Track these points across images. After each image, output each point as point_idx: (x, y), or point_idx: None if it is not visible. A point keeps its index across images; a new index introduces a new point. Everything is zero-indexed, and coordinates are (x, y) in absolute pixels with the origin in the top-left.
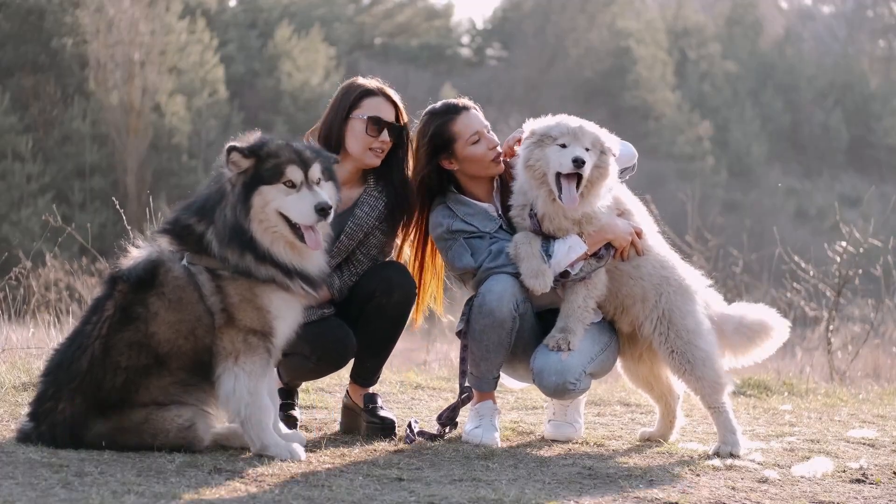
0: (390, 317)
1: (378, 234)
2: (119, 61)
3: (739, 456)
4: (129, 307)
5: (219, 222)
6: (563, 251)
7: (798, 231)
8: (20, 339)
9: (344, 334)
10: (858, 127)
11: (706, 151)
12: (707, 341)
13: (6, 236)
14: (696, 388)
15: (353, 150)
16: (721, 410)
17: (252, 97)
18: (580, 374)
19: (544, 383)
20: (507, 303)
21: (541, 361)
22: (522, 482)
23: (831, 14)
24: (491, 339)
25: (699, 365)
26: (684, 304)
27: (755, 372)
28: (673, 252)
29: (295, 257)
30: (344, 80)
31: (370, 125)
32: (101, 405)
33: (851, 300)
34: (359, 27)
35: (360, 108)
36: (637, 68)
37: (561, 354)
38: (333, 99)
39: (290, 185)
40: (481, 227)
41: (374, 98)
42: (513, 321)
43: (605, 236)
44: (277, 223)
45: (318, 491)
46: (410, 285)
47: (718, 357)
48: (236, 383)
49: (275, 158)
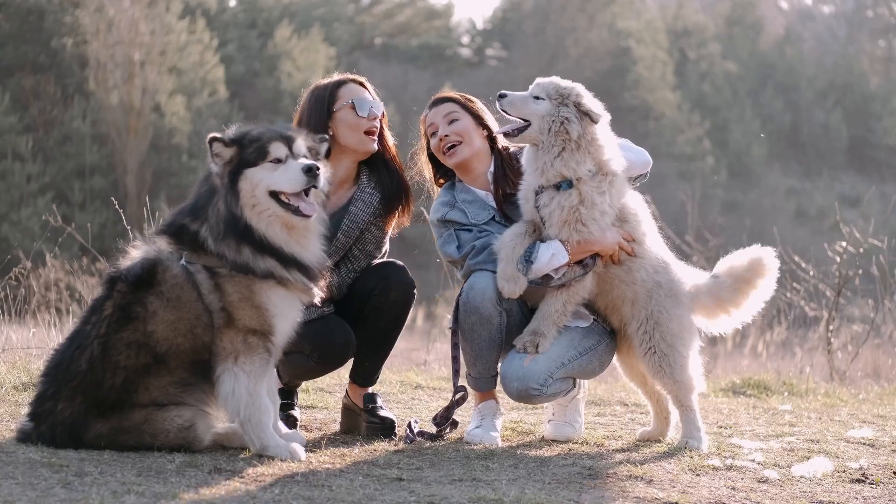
0: (389, 316)
1: (374, 229)
2: (119, 61)
3: (700, 448)
4: (127, 307)
5: (212, 218)
6: (546, 258)
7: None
8: (20, 339)
9: (344, 332)
10: (858, 127)
11: (706, 151)
12: (688, 346)
13: (6, 236)
14: (670, 389)
15: (348, 141)
16: (690, 409)
17: (252, 97)
18: (545, 379)
19: (508, 389)
20: (490, 298)
21: (505, 366)
22: (522, 482)
23: (831, 14)
24: (482, 337)
25: (677, 369)
26: (673, 307)
27: (755, 372)
28: (669, 252)
29: (293, 243)
30: None
31: (357, 108)
32: (100, 405)
33: (851, 300)
34: (359, 27)
35: (338, 99)
36: (637, 68)
37: (524, 359)
38: (305, 107)
39: (276, 161)
40: (473, 216)
41: (347, 86)
42: (499, 316)
43: (591, 248)
44: (269, 204)
45: (318, 491)
46: (408, 284)
47: (694, 361)
48: (236, 383)
49: (257, 141)
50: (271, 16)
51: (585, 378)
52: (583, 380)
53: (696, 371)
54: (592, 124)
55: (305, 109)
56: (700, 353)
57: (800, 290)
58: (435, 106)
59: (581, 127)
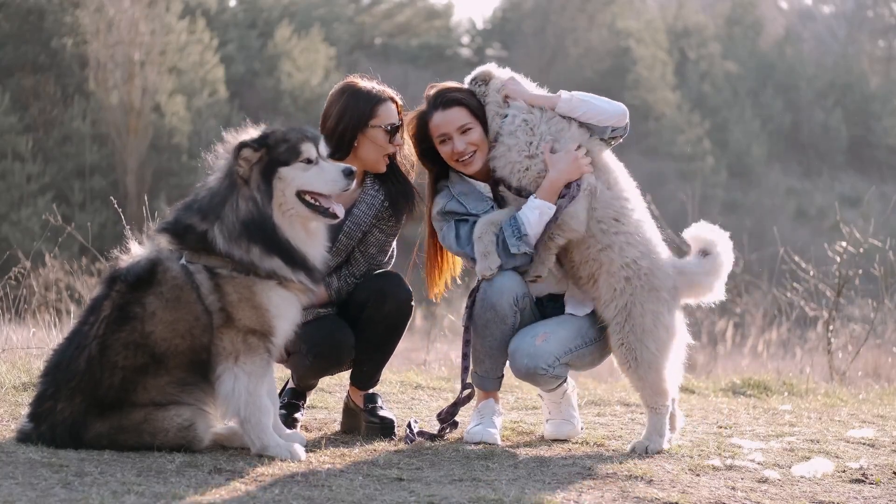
0: (383, 327)
1: (377, 232)
2: (119, 61)
3: (657, 452)
4: (126, 307)
5: (228, 217)
6: (535, 218)
7: (798, 231)
8: (20, 339)
9: (341, 333)
10: (858, 127)
11: (706, 151)
12: (661, 345)
13: (6, 236)
14: (637, 386)
15: (367, 157)
16: (658, 412)
17: (252, 97)
18: (553, 361)
19: (516, 365)
20: (508, 297)
21: (517, 342)
22: (522, 482)
23: (831, 14)
24: (494, 335)
25: (644, 365)
26: (649, 301)
27: (755, 372)
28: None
29: (308, 244)
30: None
31: (391, 135)
32: (99, 405)
33: (851, 300)
34: (359, 27)
35: (377, 117)
36: (637, 68)
37: (536, 338)
38: (341, 105)
39: (307, 161)
40: (472, 208)
41: (385, 105)
42: (514, 317)
43: (554, 181)
44: (294, 203)
45: (318, 491)
46: (403, 295)
47: (667, 363)
48: (236, 383)
49: (286, 141)
50: (271, 16)
51: (580, 369)
52: (577, 371)
53: (671, 374)
54: (487, 85)
55: (340, 109)
56: (683, 358)
57: (800, 290)
58: (441, 110)
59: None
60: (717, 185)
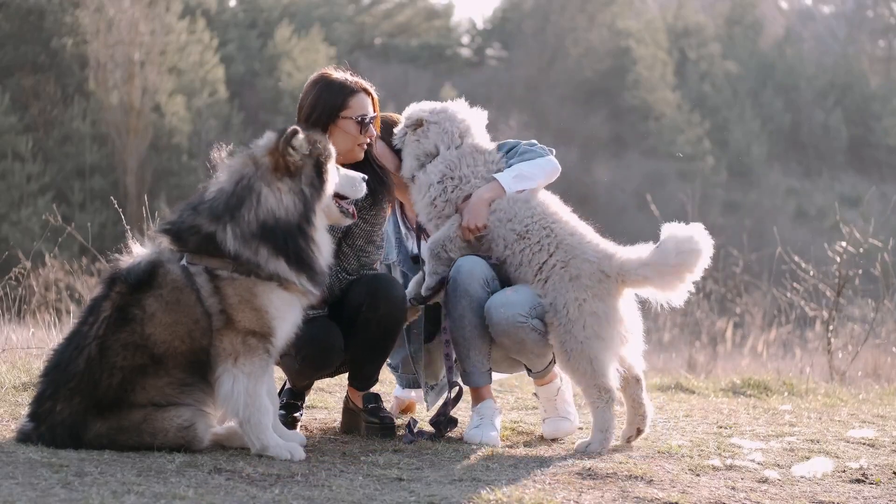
0: (378, 330)
1: (360, 222)
2: (119, 61)
3: (598, 452)
4: (125, 308)
5: (245, 217)
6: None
7: (798, 231)
8: (20, 339)
9: (330, 335)
10: (858, 127)
11: (706, 151)
12: (588, 333)
13: (6, 236)
14: (570, 377)
15: (340, 147)
16: (594, 405)
17: (252, 97)
18: (528, 309)
19: (495, 319)
20: (478, 279)
21: (489, 302)
22: (522, 482)
23: (831, 14)
24: (472, 323)
25: (574, 356)
26: (571, 290)
27: (755, 372)
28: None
29: (324, 245)
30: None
31: (363, 126)
32: (98, 405)
33: (851, 300)
34: (359, 27)
35: (348, 108)
36: (637, 68)
37: (507, 291)
38: (313, 96)
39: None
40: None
41: (357, 96)
42: (487, 297)
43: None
44: (330, 203)
45: (318, 491)
46: (397, 299)
47: (602, 353)
48: (235, 384)
49: (320, 141)
50: (271, 16)
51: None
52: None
53: (603, 364)
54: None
55: (312, 101)
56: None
57: (800, 290)
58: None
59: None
60: (717, 185)
